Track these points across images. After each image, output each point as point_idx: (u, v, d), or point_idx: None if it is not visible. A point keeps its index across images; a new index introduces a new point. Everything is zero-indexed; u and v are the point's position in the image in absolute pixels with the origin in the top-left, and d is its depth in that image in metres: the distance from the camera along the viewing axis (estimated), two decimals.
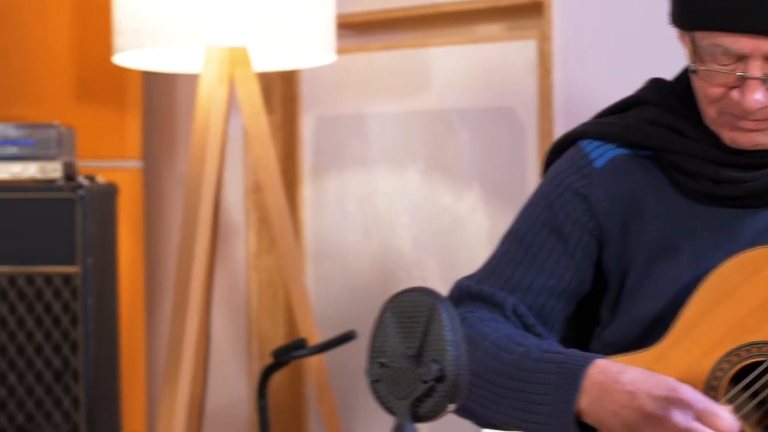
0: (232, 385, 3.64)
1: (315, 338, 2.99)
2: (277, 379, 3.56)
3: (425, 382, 1.28)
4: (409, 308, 1.32)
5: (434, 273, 3.33)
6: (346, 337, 2.39)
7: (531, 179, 3.15)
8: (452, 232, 3.31)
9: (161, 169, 3.77)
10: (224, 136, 3.02)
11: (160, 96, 3.77)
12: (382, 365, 1.33)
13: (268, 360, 3.59)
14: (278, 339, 3.61)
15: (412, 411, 1.30)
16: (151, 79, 3.69)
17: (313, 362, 3.03)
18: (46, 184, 3.01)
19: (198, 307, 2.88)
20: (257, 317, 3.62)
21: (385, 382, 1.33)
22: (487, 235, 3.22)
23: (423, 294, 1.31)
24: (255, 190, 3.59)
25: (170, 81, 3.74)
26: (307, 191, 3.56)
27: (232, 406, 3.65)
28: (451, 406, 1.29)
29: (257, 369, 3.64)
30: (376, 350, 1.35)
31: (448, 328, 1.28)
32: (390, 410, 1.33)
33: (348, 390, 3.43)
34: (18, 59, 3.49)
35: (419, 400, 1.29)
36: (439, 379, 1.28)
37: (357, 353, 3.26)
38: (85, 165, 3.31)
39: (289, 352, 2.37)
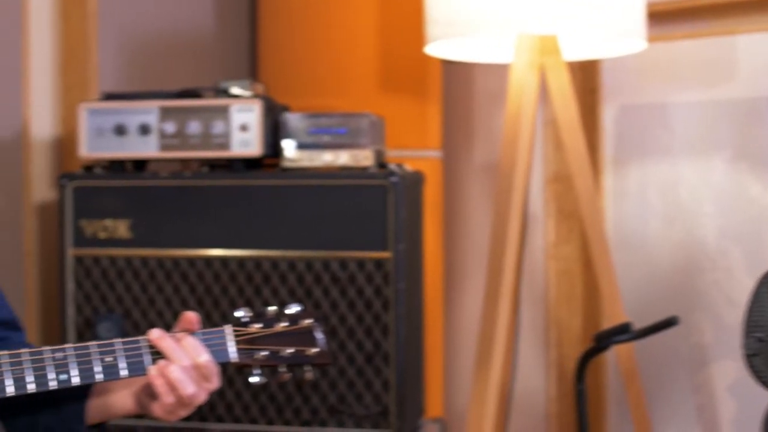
0: (529, 373, 3.66)
1: None
2: (573, 365, 3.56)
3: None
4: None
5: (740, 263, 3.28)
6: (668, 323, 2.38)
7: None
8: (760, 222, 3.25)
9: (459, 158, 3.82)
10: (534, 124, 3.04)
11: (459, 86, 3.82)
12: (760, 340, 1.33)
13: (566, 349, 3.61)
14: (575, 328, 3.61)
15: None
16: (449, 70, 3.75)
17: (622, 349, 3.03)
18: (359, 172, 3.09)
19: (509, 294, 2.91)
20: (555, 306, 3.63)
21: (762, 357, 1.33)
22: None
23: None
24: (554, 180, 3.61)
25: (468, 71, 3.79)
26: (607, 181, 3.56)
27: (529, 394, 3.67)
28: None
29: (555, 358, 3.66)
30: (752, 324, 1.35)
31: None
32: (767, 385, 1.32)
33: (651, 379, 3.41)
34: (327, 52, 3.60)
35: None
36: None
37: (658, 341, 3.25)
38: (389, 154, 3.39)
39: (612, 337, 2.38)
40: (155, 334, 1.93)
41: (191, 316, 1.98)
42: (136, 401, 2.01)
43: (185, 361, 1.92)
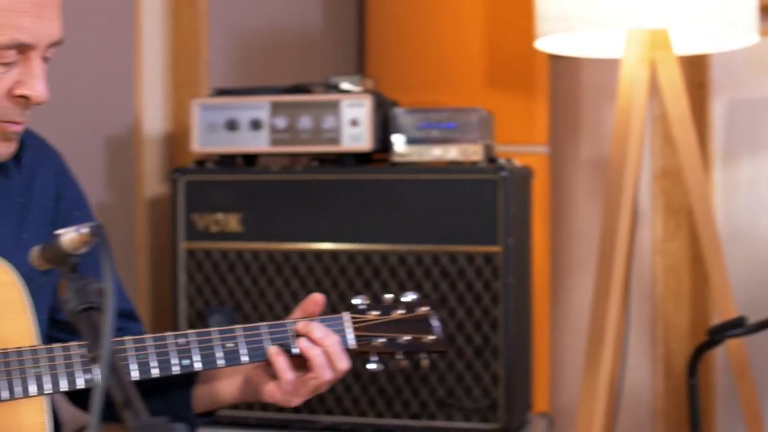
0: (635, 368, 3.65)
1: None
2: (680, 361, 3.55)
3: None
4: None
5: None
6: None
7: None
8: None
9: (566, 154, 3.82)
10: (644, 119, 3.03)
11: (566, 81, 3.82)
12: None
13: (673, 345, 3.59)
14: (682, 324, 3.59)
15: None
16: (556, 65, 3.75)
17: (733, 344, 3.01)
18: (469, 166, 3.10)
19: (619, 290, 2.91)
20: (662, 302, 3.62)
21: None
22: None
23: None
24: (662, 176, 3.59)
25: (575, 66, 3.79)
26: (717, 176, 3.53)
27: (636, 389, 3.66)
28: None
29: (662, 353, 3.64)
30: None
31: None
32: None
33: (762, 375, 3.38)
34: (435, 48, 3.61)
35: None
36: None
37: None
38: (496, 149, 3.39)
39: (726, 331, 2.36)
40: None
41: (317, 297, 2.01)
42: (243, 389, 2.04)
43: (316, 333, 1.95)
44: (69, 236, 1.54)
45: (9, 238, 1.97)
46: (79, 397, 2.10)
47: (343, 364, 1.95)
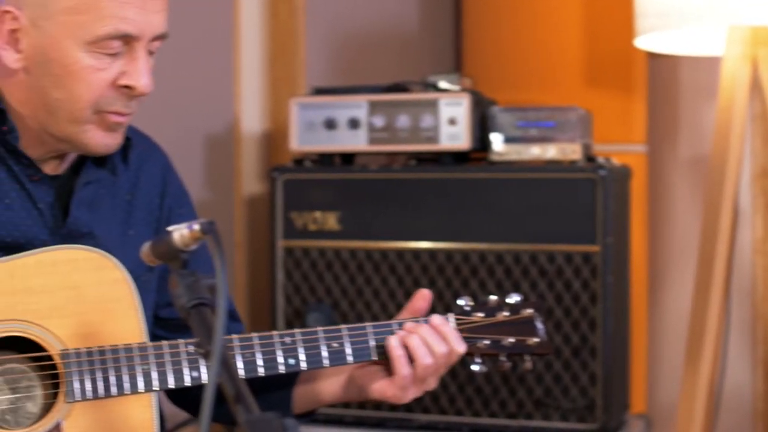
0: (735, 369, 3.61)
1: None
2: None
3: None
4: None
5: None
6: None
7: None
8: None
9: (664, 152, 3.79)
10: (745, 118, 3.00)
11: (664, 79, 3.79)
12: None
13: None
14: None
15: None
16: (655, 63, 3.72)
17: None
18: (567, 165, 3.09)
19: (720, 289, 2.88)
20: (762, 302, 3.57)
21: None
22: None
23: None
24: (763, 175, 3.55)
25: (673, 64, 3.75)
26: None
27: (734, 390, 3.62)
28: None
29: (762, 354, 3.60)
30: None
31: None
32: None
33: None
34: (532, 46, 3.60)
35: None
36: None
37: None
38: (595, 148, 3.37)
39: None
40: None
41: (425, 293, 2.01)
42: (346, 389, 2.05)
43: (425, 331, 1.95)
44: (180, 232, 1.55)
45: (116, 236, 1.99)
46: (179, 395, 2.12)
47: (441, 347, 1.95)
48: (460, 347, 1.96)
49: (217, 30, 3.45)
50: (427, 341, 1.95)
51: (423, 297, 2.01)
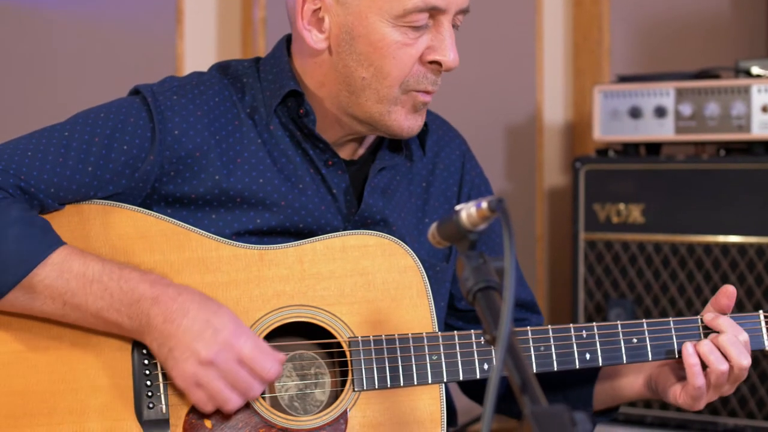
0: None
1: None
2: None
3: None
4: None
5: None
6: None
7: None
8: None
9: None
10: None
11: None
12: None
13: None
14: None
15: None
16: None
17: None
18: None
19: None
20: None
21: None
22: None
23: None
24: None
25: None
26: None
27: None
28: None
29: None
30: None
31: None
32: None
33: None
34: None
35: None
36: None
37: None
38: None
39: None
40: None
41: (729, 290, 1.89)
42: (645, 387, 1.95)
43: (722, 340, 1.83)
44: (468, 211, 1.44)
45: (411, 224, 1.96)
46: (472, 387, 2.07)
47: (744, 360, 1.82)
48: (746, 360, 1.83)
49: (520, 19, 3.40)
50: (725, 348, 1.83)
51: (727, 294, 1.88)
